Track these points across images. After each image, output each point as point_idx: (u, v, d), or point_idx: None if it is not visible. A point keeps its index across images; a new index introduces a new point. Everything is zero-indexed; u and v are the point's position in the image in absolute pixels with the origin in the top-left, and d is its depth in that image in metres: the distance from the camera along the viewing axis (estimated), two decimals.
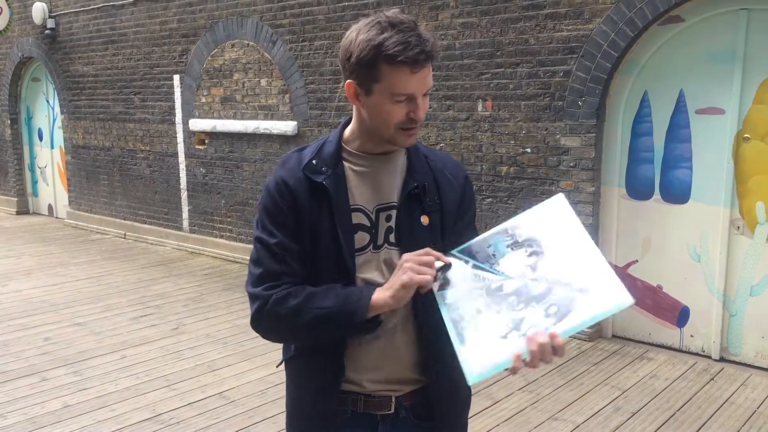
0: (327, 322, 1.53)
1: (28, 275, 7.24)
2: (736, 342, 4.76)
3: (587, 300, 1.43)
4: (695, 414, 3.99)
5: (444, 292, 1.54)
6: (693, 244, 4.84)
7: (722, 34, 4.58)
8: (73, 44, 9.39)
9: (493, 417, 3.95)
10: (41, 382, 4.47)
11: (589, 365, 4.72)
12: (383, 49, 1.46)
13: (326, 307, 1.52)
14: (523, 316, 1.44)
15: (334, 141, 1.66)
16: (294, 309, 1.54)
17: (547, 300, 1.44)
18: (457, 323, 1.49)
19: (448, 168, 1.73)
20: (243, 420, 3.93)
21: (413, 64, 1.47)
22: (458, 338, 1.47)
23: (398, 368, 1.66)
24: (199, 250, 8.10)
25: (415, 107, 1.52)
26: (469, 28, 5.53)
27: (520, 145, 5.37)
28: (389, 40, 1.46)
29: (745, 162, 4.60)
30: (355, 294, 1.53)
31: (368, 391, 1.65)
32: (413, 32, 1.47)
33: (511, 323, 1.45)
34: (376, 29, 1.48)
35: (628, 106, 5.03)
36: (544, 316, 1.43)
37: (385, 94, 1.51)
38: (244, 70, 7.36)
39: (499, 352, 1.42)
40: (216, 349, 5.05)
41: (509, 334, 1.44)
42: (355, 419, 1.66)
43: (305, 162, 1.62)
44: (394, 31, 1.47)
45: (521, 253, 1.53)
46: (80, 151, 9.70)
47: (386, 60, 1.46)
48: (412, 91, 1.50)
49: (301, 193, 1.59)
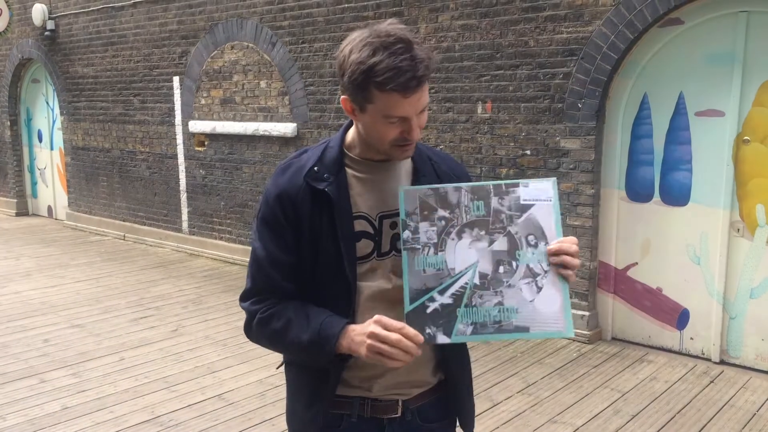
0: (302, 353, 1.58)
1: (27, 277, 7.24)
2: (736, 344, 4.75)
3: (530, 317, 1.48)
4: (695, 417, 3.98)
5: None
6: (693, 246, 4.84)
7: (722, 36, 4.58)
8: (73, 46, 9.39)
9: (493, 420, 3.94)
10: (40, 383, 4.47)
11: (588, 368, 4.71)
12: (373, 75, 1.42)
13: (301, 340, 1.53)
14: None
15: (336, 147, 1.64)
16: (275, 333, 1.58)
17: (501, 294, 1.49)
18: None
19: (453, 171, 1.73)
20: (242, 422, 3.93)
21: (404, 90, 1.44)
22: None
23: (412, 371, 1.64)
24: (199, 252, 8.09)
25: (409, 128, 1.50)
26: (469, 30, 5.53)
27: (519, 147, 5.37)
28: (380, 65, 1.42)
29: (745, 164, 4.59)
30: (325, 330, 1.51)
31: (375, 396, 1.65)
32: (406, 55, 1.42)
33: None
34: (368, 50, 1.43)
35: (628, 108, 5.03)
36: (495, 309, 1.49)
37: (377, 115, 1.49)
38: (243, 72, 7.36)
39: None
40: (215, 351, 5.05)
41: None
42: (360, 423, 1.66)
43: (307, 169, 1.60)
44: (385, 54, 1.42)
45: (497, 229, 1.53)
46: (80, 152, 9.70)
47: (376, 86, 1.44)
48: (405, 114, 1.48)
49: (303, 202, 1.57)
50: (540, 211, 1.51)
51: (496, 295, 1.48)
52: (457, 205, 1.51)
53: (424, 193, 1.52)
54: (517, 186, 1.53)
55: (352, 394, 1.64)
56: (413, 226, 1.51)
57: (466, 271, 1.49)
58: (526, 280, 1.49)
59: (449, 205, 1.51)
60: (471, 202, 1.51)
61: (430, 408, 1.71)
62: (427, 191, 1.52)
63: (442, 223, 1.51)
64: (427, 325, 1.47)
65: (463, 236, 1.50)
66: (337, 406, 1.65)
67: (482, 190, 1.52)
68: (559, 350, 5.03)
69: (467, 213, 1.51)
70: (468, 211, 1.51)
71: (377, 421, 1.66)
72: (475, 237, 1.51)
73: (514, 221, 1.51)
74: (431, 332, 1.47)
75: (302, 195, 1.58)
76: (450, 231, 1.50)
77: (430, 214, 1.51)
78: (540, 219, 1.51)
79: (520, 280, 1.49)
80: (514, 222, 1.51)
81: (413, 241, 1.50)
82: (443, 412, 1.75)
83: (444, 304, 1.48)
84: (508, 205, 1.51)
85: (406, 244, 1.50)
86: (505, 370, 4.65)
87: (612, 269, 5.21)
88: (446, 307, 1.48)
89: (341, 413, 1.65)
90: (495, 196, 1.52)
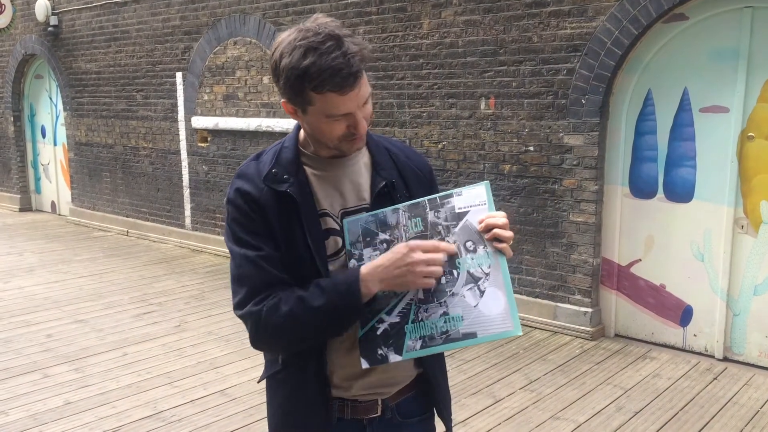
0: (326, 320, 1.49)
1: (30, 272, 7.25)
2: (739, 341, 4.74)
3: (476, 323, 1.49)
4: (698, 414, 3.97)
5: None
6: (696, 243, 4.83)
7: (727, 32, 4.56)
8: (76, 41, 9.39)
9: (495, 416, 3.94)
10: (43, 378, 4.48)
11: (591, 364, 4.71)
12: (307, 79, 1.40)
13: (318, 306, 1.47)
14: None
15: (291, 147, 1.61)
16: (289, 316, 1.48)
17: (446, 303, 1.50)
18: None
19: (412, 160, 1.72)
20: (244, 417, 3.93)
21: (341, 89, 1.42)
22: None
23: (391, 369, 1.63)
24: (201, 248, 8.10)
25: (354, 122, 1.49)
26: (472, 25, 5.52)
27: (522, 143, 5.36)
28: (312, 68, 1.39)
29: (750, 161, 4.57)
30: (341, 285, 1.48)
31: (355, 397, 1.63)
32: (337, 52, 1.39)
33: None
34: (299, 53, 1.40)
35: (632, 104, 5.01)
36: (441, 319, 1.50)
37: (320, 115, 1.48)
38: (246, 68, 7.36)
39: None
40: (218, 346, 5.05)
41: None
42: (341, 425, 1.64)
43: (265, 172, 1.57)
44: (316, 56, 1.39)
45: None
46: (83, 148, 9.70)
47: (313, 89, 1.42)
48: (347, 111, 1.47)
49: (269, 205, 1.55)
50: (475, 216, 1.53)
51: (441, 306, 1.50)
52: (396, 226, 1.54)
53: (365, 221, 1.55)
54: (451, 197, 1.54)
55: (333, 395, 1.62)
56: (357, 254, 1.54)
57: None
58: (468, 286, 1.50)
59: (389, 227, 1.54)
60: (409, 220, 1.54)
61: (410, 403, 1.71)
62: (368, 218, 1.55)
63: (384, 246, 1.53)
64: (378, 346, 1.51)
65: None
66: None
67: (418, 207, 1.54)
68: (561, 347, 5.02)
69: (406, 231, 1.53)
70: (407, 229, 1.53)
71: (358, 422, 1.65)
72: None
73: (451, 231, 1.52)
74: (383, 353, 1.51)
75: (265, 199, 1.55)
76: None
77: (372, 239, 1.54)
78: (476, 223, 1.52)
79: (463, 287, 1.50)
80: (452, 232, 1.52)
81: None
82: (422, 407, 1.75)
83: (392, 323, 1.50)
84: (444, 216, 1.53)
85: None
86: (507, 367, 4.64)
87: (615, 266, 5.20)
88: (394, 326, 1.50)
89: (325, 420, 1.63)
90: (431, 210, 1.53)
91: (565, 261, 5.25)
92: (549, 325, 5.34)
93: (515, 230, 5.46)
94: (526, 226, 5.40)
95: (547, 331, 5.32)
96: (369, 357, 1.51)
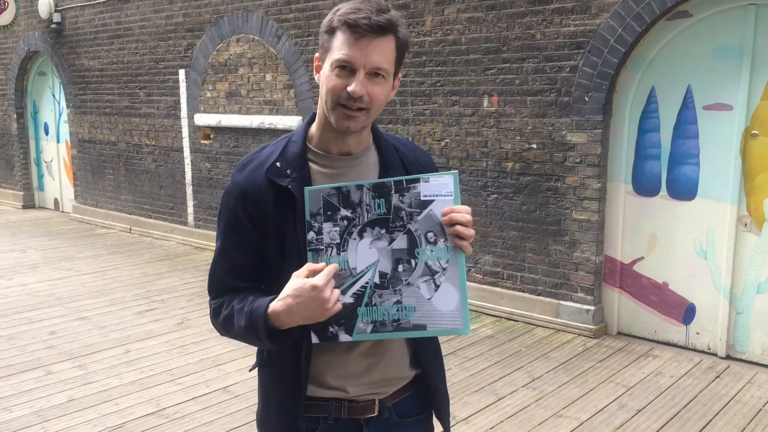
0: (247, 338, 1.56)
1: (33, 269, 7.27)
2: (742, 339, 4.73)
3: (428, 315, 1.50)
4: (701, 412, 3.97)
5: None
6: (699, 240, 4.82)
7: (730, 29, 4.55)
8: (79, 38, 9.40)
9: (497, 414, 3.94)
10: (46, 375, 4.49)
11: (593, 362, 4.70)
12: (336, 12, 1.48)
13: (239, 324, 1.54)
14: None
15: (298, 141, 1.61)
16: (224, 321, 1.59)
17: (399, 292, 1.50)
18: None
19: (419, 160, 1.71)
20: (247, 415, 3.93)
21: (354, 27, 1.44)
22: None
23: (389, 369, 1.64)
24: (204, 245, 8.10)
25: (353, 82, 1.46)
26: (475, 23, 5.51)
27: (525, 141, 5.35)
28: (346, 6, 1.48)
29: (753, 158, 4.56)
30: (254, 313, 1.51)
31: (352, 397, 1.62)
32: (372, 3, 1.47)
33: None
34: (346, 4, 1.50)
35: (635, 102, 5.00)
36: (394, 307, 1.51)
37: (330, 63, 1.49)
38: (249, 65, 7.35)
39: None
40: (220, 343, 5.05)
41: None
42: (338, 426, 1.63)
43: (268, 164, 1.57)
44: (357, 3, 1.48)
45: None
46: (86, 145, 9.72)
47: (336, 23, 1.47)
48: (351, 58, 1.45)
49: (265, 200, 1.54)
50: (439, 207, 1.50)
51: (395, 294, 1.50)
52: (359, 204, 1.50)
53: (327, 193, 1.51)
54: (417, 182, 1.50)
55: (328, 395, 1.61)
56: (317, 227, 1.51)
57: (366, 271, 1.50)
58: (424, 278, 1.49)
59: (351, 204, 1.50)
60: (372, 200, 1.50)
61: (407, 403, 1.70)
62: (330, 191, 1.51)
63: (344, 223, 1.50)
64: (330, 324, 1.50)
65: (364, 235, 1.50)
66: (313, 410, 1.62)
67: (383, 188, 1.50)
68: (564, 345, 5.02)
69: (369, 212, 1.50)
70: (369, 209, 1.50)
71: (354, 422, 1.64)
72: (375, 236, 1.50)
73: (414, 218, 1.50)
74: (333, 331, 1.50)
75: (264, 192, 1.54)
76: (352, 231, 1.50)
77: (333, 214, 1.50)
78: (440, 215, 1.50)
79: (419, 278, 1.49)
80: (414, 219, 1.50)
81: (317, 242, 1.50)
82: (420, 407, 1.74)
83: (346, 303, 1.49)
84: (408, 202, 1.50)
85: (310, 245, 1.50)
86: (510, 365, 4.64)
87: (618, 264, 5.19)
88: (347, 307, 1.49)
89: (317, 416, 1.63)
90: (396, 193, 1.50)
91: (568, 259, 5.24)
92: (551, 323, 5.34)
93: (518, 228, 5.45)
94: (528, 224, 5.39)
95: (550, 329, 5.32)
96: (320, 333, 1.51)
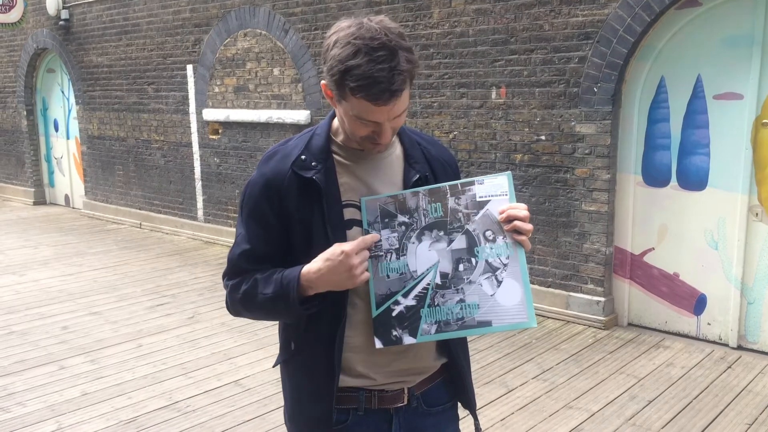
0: (271, 307, 1.57)
1: (45, 265, 7.32)
2: (753, 330, 4.71)
3: (492, 311, 1.52)
4: (712, 402, 3.96)
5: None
6: (710, 231, 4.79)
7: (740, 18, 4.51)
8: (87, 35, 9.42)
9: (508, 405, 3.94)
10: (59, 370, 4.53)
11: (604, 353, 4.70)
12: (348, 77, 1.41)
13: (267, 293, 1.55)
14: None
15: (322, 134, 1.62)
16: (245, 295, 1.60)
17: (463, 290, 1.52)
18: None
19: (441, 155, 1.74)
20: (258, 408, 3.96)
21: (375, 101, 1.42)
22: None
23: (417, 358, 1.65)
24: (214, 240, 8.14)
25: (380, 131, 1.50)
26: (483, 14, 5.49)
27: (534, 132, 5.33)
28: (356, 70, 1.39)
29: (764, 148, 4.53)
30: (285, 279, 1.54)
31: (381, 386, 1.63)
32: (386, 65, 1.39)
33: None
34: (350, 50, 1.40)
35: (645, 92, 4.97)
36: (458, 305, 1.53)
37: (350, 112, 1.48)
38: (256, 60, 7.36)
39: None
40: (231, 337, 5.08)
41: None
42: (368, 416, 1.64)
43: (294, 157, 1.59)
44: (365, 60, 1.39)
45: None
46: (95, 141, 9.76)
47: (350, 90, 1.43)
48: (376, 120, 1.47)
49: (289, 191, 1.56)
50: (496, 206, 1.54)
51: (458, 293, 1.52)
52: (415, 210, 1.55)
53: (384, 202, 1.56)
54: (472, 184, 1.56)
55: (357, 384, 1.62)
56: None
57: (427, 273, 1.53)
58: (486, 275, 1.52)
59: (408, 210, 1.55)
60: (429, 204, 1.55)
61: (434, 392, 1.71)
62: (387, 199, 1.56)
63: (402, 228, 1.55)
64: (393, 327, 1.52)
65: (423, 239, 1.54)
66: (343, 401, 1.63)
67: (439, 192, 1.56)
68: (574, 336, 5.02)
69: (426, 216, 1.55)
70: (426, 213, 1.55)
71: (384, 411, 1.65)
72: (434, 238, 1.54)
73: (471, 219, 1.54)
74: (397, 334, 1.52)
75: (288, 184, 1.56)
76: (410, 235, 1.54)
77: (391, 221, 1.55)
78: (497, 213, 1.54)
79: (480, 275, 1.52)
80: (471, 219, 1.54)
81: (376, 249, 1.54)
82: (447, 395, 1.75)
83: (408, 306, 1.52)
84: (464, 203, 1.55)
85: (370, 252, 1.53)
86: (520, 356, 4.65)
87: (628, 255, 5.18)
88: (410, 309, 1.52)
89: (347, 407, 1.63)
90: (451, 196, 1.55)
91: (578, 250, 5.23)
92: (562, 315, 5.33)
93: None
94: (538, 216, 5.38)
95: (560, 320, 5.32)
96: (383, 337, 1.54)
